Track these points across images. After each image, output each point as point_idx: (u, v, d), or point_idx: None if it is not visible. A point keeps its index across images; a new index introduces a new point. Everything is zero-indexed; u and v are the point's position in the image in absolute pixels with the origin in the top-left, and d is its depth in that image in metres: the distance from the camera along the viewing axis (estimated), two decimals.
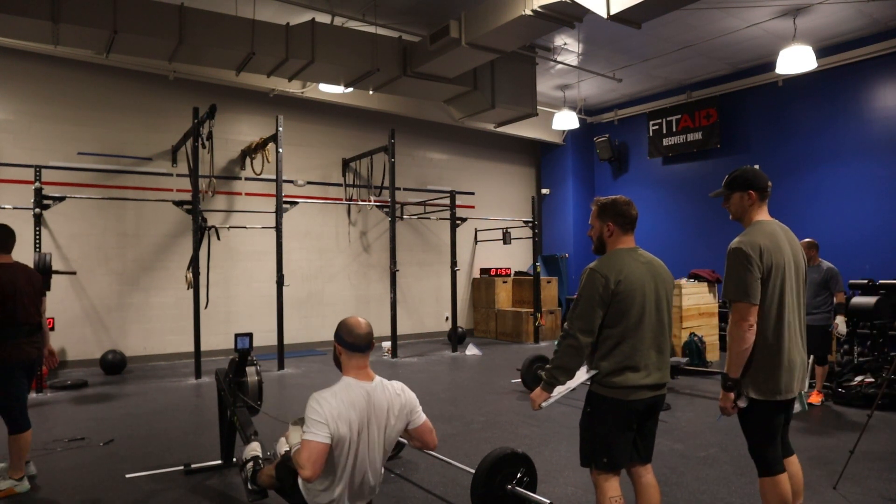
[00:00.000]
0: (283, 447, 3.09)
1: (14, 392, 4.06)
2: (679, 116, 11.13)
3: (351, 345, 2.73)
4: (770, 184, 2.98)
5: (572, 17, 6.68)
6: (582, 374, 2.89)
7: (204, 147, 7.91)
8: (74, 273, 8.20)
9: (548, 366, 2.89)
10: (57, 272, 7.53)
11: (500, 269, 12.30)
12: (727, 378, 2.85)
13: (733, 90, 10.40)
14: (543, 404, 2.92)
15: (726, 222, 11.62)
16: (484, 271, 12.40)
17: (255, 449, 3.45)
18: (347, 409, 2.62)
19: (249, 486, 3.40)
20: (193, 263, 7.83)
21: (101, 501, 3.94)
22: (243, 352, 4.09)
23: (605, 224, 2.95)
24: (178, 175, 9.33)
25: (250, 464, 3.39)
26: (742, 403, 2.85)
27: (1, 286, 3.95)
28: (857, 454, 4.16)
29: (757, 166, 11.25)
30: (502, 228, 11.68)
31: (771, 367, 2.80)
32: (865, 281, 7.72)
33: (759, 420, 2.88)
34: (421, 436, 2.93)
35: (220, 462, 4.45)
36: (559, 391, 2.90)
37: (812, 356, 6.46)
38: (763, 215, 2.95)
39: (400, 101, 10.55)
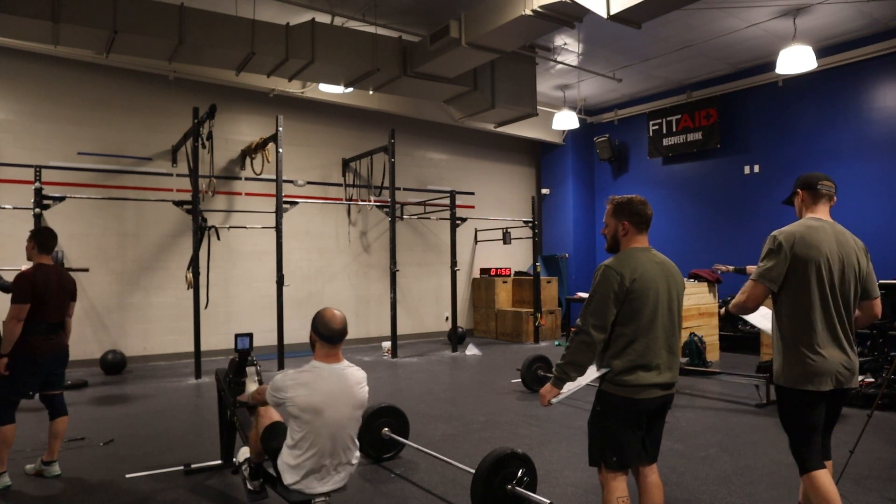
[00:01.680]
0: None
1: (11, 384, 4.12)
2: (679, 116, 11.13)
3: (325, 336, 3.00)
4: (824, 182, 3.07)
5: (572, 17, 6.68)
6: (592, 372, 2.88)
7: (204, 147, 7.91)
8: (87, 270, 8.22)
9: (559, 361, 2.87)
10: (70, 269, 7.58)
11: (500, 269, 12.30)
12: (728, 310, 3.24)
13: (733, 90, 10.40)
14: (553, 400, 2.91)
15: (726, 223, 11.58)
16: (484, 271, 12.40)
17: None
18: (311, 393, 2.90)
19: (249, 486, 3.40)
20: (193, 263, 7.83)
21: (101, 501, 3.94)
22: (243, 352, 4.09)
23: (620, 223, 2.96)
24: (178, 175, 9.33)
25: (245, 465, 3.40)
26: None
27: (36, 285, 4.14)
28: (857, 454, 4.16)
29: (756, 167, 11.05)
30: (502, 228, 11.68)
31: (798, 356, 2.88)
32: None
33: (790, 410, 2.95)
34: None
35: (220, 462, 4.45)
36: (569, 388, 2.89)
37: None
38: (817, 213, 3.06)
39: (400, 101, 10.55)
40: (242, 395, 3.70)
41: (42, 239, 4.37)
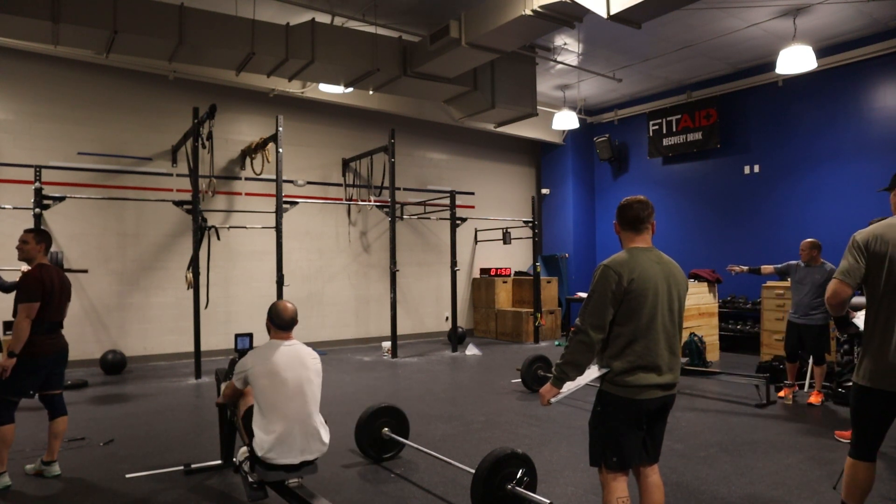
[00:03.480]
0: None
1: (12, 383, 4.12)
2: (679, 116, 11.12)
3: (279, 325, 3.52)
4: None
5: (572, 17, 6.68)
6: (593, 372, 2.89)
7: (204, 147, 7.91)
8: (86, 271, 8.22)
9: (558, 361, 2.88)
10: (69, 270, 7.58)
11: (500, 269, 12.30)
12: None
13: (733, 90, 10.39)
14: (552, 400, 2.91)
15: (726, 223, 11.53)
16: (484, 271, 12.40)
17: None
18: (268, 360, 3.35)
19: (250, 480, 3.41)
20: (193, 263, 7.83)
21: (101, 501, 3.94)
22: (243, 352, 4.10)
23: (615, 223, 3.06)
24: (178, 175, 9.33)
25: (247, 464, 3.41)
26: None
27: (44, 285, 4.20)
28: None
29: (756, 167, 10.98)
30: (502, 228, 11.68)
31: (870, 354, 2.92)
32: None
33: (854, 401, 3.01)
34: None
35: (220, 462, 4.45)
36: (569, 387, 2.89)
37: (811, 356, 6.49)
38: None
39: (400, 101, 10.55)
40: (218, 398, 3.95)
41: (49, 240, 4.48)
